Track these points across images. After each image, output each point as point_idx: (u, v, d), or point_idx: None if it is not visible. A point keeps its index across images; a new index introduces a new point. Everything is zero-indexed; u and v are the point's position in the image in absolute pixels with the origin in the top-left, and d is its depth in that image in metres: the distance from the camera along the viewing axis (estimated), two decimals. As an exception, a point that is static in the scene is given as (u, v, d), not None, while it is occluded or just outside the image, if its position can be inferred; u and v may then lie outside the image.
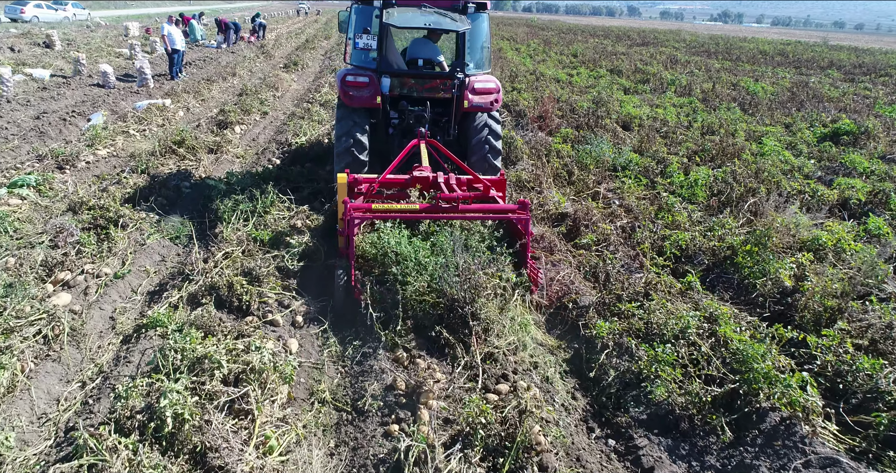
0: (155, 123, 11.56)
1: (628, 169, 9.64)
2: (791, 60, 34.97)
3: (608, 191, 8.70)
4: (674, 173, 8.98)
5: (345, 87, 7.00)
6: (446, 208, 5.28)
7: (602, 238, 6.67)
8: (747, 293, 5.59)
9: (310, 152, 9.64)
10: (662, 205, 7.85)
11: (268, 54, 25.49)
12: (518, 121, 13.56)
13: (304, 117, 12.49)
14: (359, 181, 5.98)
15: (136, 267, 5.84)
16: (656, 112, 14.28)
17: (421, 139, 6.44)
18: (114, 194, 7.02)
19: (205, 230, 6.77)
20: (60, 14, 41.81)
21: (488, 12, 7.69)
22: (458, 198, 5.29)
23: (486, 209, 5.68)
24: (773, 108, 15.64)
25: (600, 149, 9.88)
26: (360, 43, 7.14)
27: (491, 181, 6.18)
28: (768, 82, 21.94)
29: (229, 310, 4.97)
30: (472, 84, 7.21)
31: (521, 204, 5.46)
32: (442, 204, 5.24)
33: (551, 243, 6.56)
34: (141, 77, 16.37)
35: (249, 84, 16.45)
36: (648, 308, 4.79)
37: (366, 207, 5.29)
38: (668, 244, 6.43)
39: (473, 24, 7.19)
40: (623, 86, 19.20)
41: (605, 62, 26.31)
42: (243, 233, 6.25)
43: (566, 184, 9.04)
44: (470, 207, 5.47)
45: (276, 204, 6.99)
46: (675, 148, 11.03)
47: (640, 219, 7.40)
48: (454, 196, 5.30)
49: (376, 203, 5.58)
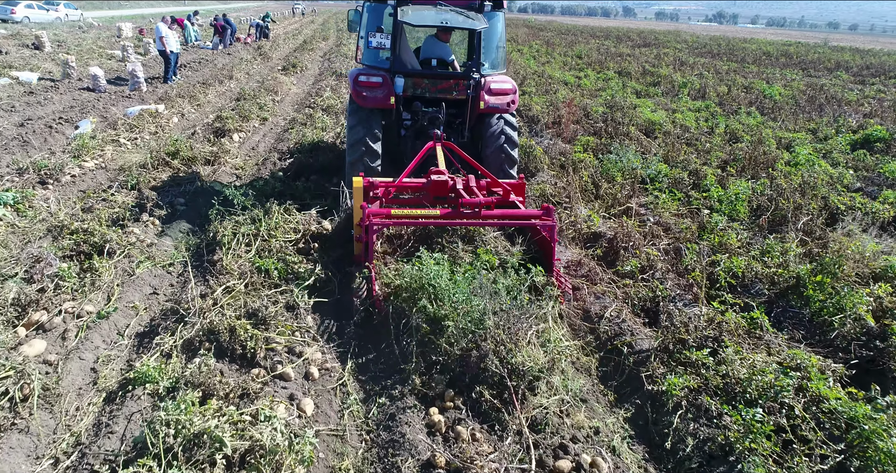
0: (147, 131, 10.82)
1: (658, 181, 8.96)
2: (796, 62, 34.45)
3: (640, 207, 8.02)
4: (710, 186, 8.30)
5: (358, 88, 6.75)
6: (468, 214, 5.08)
7: (647, 264, 5.98)
8: (823, 332, 4.90)
9: (314, 163, 8.91)
10: (704, 223, 7.16)
11: (265, 56, 24.73)
12: (531, 126, 12.88)
13: (307, 123, 11.76)
14: (375, 185, 5.73)
15: (124, 302, 5.11)
16: (675, 117, 13.61)
17: (436, 141, 6.23)
18: (99, 215, 6.28)
19: (202, 255, 6.05)
20: (52, 14, 40.96)
21: (504, 11, 7.40)
22: (480, 204, 5.09)
23: (509, 214, 5.46)
24: (796, 113, 14.98)
25: (626, 159, 9.19)
26: (373, 42, 6.85)
27: (511, 185, 5.95)
28: (780, 85, 21.33)
29: (231, 359, 4.26)
30: (487, 84, 6.98)
31: (545, 209, 5.26)
32: (463, 209, 5.04)
33: (591, 271, 5.86)
34: (133, 80, 15.61)
35: (247, 87, 15.71)
36: (724, 358, 4.09)
37: (385, 213, 5.09)
38: (721, 271, 5.73)
39: (489, 22, 6.95)
40: (634, 89, 18.54)
41: (611, 64, 25.66)
42: (245, 262, 5.54)
43: (593, 199, 8.34)
44: (492, 213, 5.26)
45: (282, 225, 6.27)
46: (703, 156, 10.35)
47: (683, 240, 6.72)
48: (476, 201, 5.10)
49: (394, 208, 5.42)
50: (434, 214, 5.19)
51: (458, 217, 5.15)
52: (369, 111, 6.83)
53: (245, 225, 6.16)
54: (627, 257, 6.19)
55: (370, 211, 4.98)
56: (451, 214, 5.16)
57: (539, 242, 5.63)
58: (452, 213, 5.16)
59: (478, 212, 5.09)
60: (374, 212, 5.03)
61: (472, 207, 5.07)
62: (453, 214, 5.16)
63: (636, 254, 6.18)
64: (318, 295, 5.20)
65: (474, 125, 7.39)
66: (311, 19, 66.95)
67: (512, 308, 4.36)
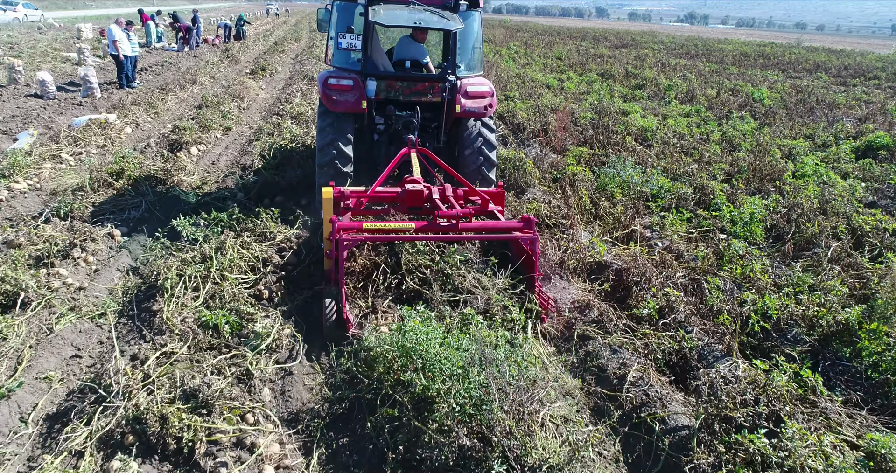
0: (95, 144, 9.72)
1: (660, 196, 8.18)
2: (774, 63, 34.25)
3: (646, 229, 7.22)
4: (721, 204, 7.53)
5: (327, 91, 6.40)
6: (445, 227, 4.86)
7: (665, 304, 5.15)
8: (886, 396, 4.11)
9: (281, 181, 7.94)
10: (719, 249, 6.38)
11: (233, 58, 23.54)
12: (517, 134, 12.05)
13: (274, 133, 10.75)
14: (346, 195, 5.42)
15: (35, 373, 4.11)
16: (667, 123, 12.90)
17: (411, 147, 5.93)
18: (16, 257, 5.23)
19: (141, 302, 5.06)
20: (9, 15, 39.22)
21: (480, 11, 7.07)
22: (457, 216, 4.86)
23: (487, 227, 5.24)
24: (791, 118, 14.39)
25: (626, 172, 8.39)
26: (343, 43, 6.56)
27: (489, 194, 5.69)
28: (764, 87, 20.86)
29: (162, 457, 3.31)
30: (464, 87, 6.70)
31: (525, 220, 5.02)
32: (440, 222, 4.82)
33: (602, 315, 5.01)
34: (86, 86, 14.43)
35: (211, 93, 14.60)
36: (786, 444, 3.25)
37: (356, 226, 4.83)
38: (752, 312, 4.93)
39: (465, 23, 6.64)
40: (619, 93, 17.84)
41: (593, 66, 25.00)
42: (191, 312, 4.58)
43: (592, 219, 7.52)
44: (470, 226, 5.07)
45: (237, 262, 5.31)
46: (704, 167, 9.61)
47: (699, 271, 5.92)
48: (453, 213, 4.87)
49: (367, 220, 5.27)
50: (409, 228, 4.93)
51: (435, 230, 4.89)
52: (340, 115, 6.49)
53: (193, 264, 5.19)
54: (641, 295, 5.36)
55: (340, 225, 4.70)
56: (427, 227, 4.89)
57: (518, 253, 5.32)
58: (428, 226, 4.89)
59: (455, 225, 4.84)
60: (344, 225, 4.75)
61: (449, 219, 4.83)
62: (429, 227, 4.88)
63: (652, 292, 5.35)
64: (278, 359, 4.27)
65: (450, 129, 7.08)
66: (283, 20, 65.44)
67: (519, 378, 3.49)
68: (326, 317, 4.52)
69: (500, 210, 5.67)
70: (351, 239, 4.63)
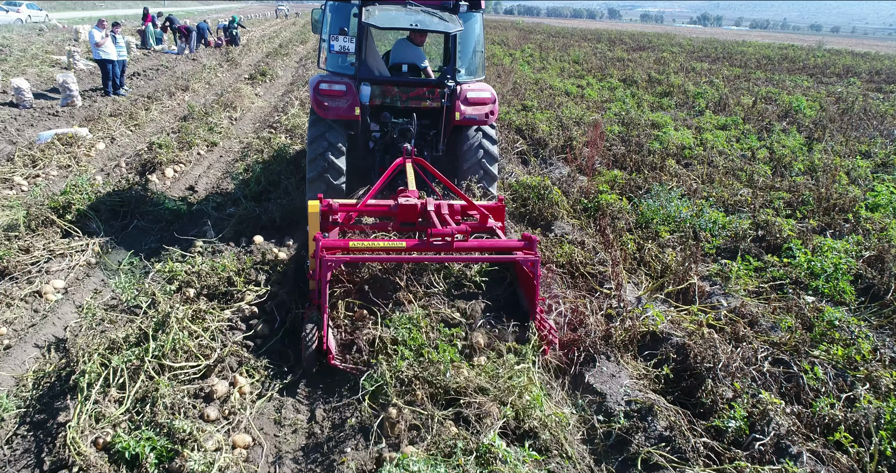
0: (56, 164, 8.49)
1: (713, 233, 6.84)
2: (800, 67, 32.67)
3: (703, 279, 5.88)
4: (795, 249, 6.17)
5: (318, 97, 6.16)
6: (439, 246, 4.52)
7: (752, 408, 3.80)
8: None
9: (262, 214, 6.68)
10: (803, 313, 5.03)
11: (233, 62, 22.37)
12: (538, 151, 10.73)
13: (264, 150, 9.51)
14: (334, 209, 5.03)
15: None
16: (704, 137, 11.52)
17: (406, 157, 5.52)
18: None
19: (54, 401, 3.80)
20: (12, 16, 38.41)
21: (482, 12, 6.76)
22: (452, 234, 4.51)
23: (486, 246, 4.91)
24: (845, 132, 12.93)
25: (673, 205, 7.05)
26: (336, 46, 6.26)
27: (488, 208, 5.36)
28: (798, 93, 19.40)
29: None
30: (464, 93, 6.42)
31: (526, 240, 4.66)
32: (433, 240, 4.48)
33: (672, 427, 3.67)
34: (65, 94, 13.22)
35: (201, 102, 13.39)
36: None
37: (342, 245, 4.53)
38: (875, 424, 3.58)
39: (465, 25, 6.37)
40: (644, 101, 16.47)
41: (613, 71, 23.60)
42: (109, 428, 3.31)
43: (635, 265, 6.19)
44: (466, 245, 4.68)
45: (185, 343, 4.03)
46: (756, 193, 8.23)
47: (786, 348, 4.58)
48: (448, 231, 4.54)
49: (355, 238, 5.11)
50: (399, 247, 4.60)
51: (428, 249, 4.57)
52: (332, 123, 6.24)
53: (124, 347, 3.92)
54: (717, 390, 4.02)
55: (325, 243, 4.38)
56: (420, 246, 4.54)
57: (519, 275, 4.98)
58: (421, 245, 4.53)
59: (450, 244, 4.49)
60: (329, 243, 4.42)
61: (444, 238, 4.48)
62: (422, 246, 4.53)
63: (733, 386, 4.01)
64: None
65: (450, 138, 6.80)
66: (292, 21, 64.41)
67: None
68: (306, 345, 4.13)
69: (501, 226, 5.30)
70: (335, 260, 4.28)
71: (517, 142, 10.92)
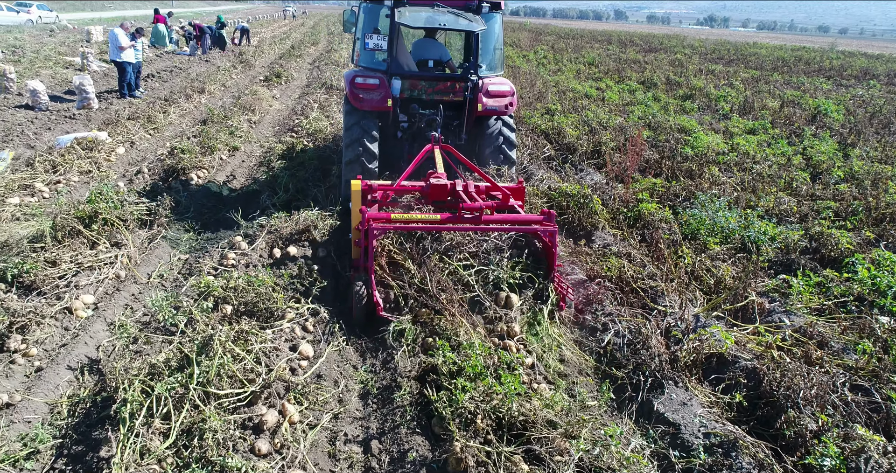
0: (77, 170, 8.26)
1: (762, 244, 6.54)
2: (815, 69, 32.25)
3: (760, 295, 5.58)
4: (856, 263, 5.87)
5: (354, 90, 6.66)
6: (469, 219, 5.01)
7: (844, 446, 3.50)
8: None
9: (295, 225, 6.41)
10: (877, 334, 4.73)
11: (247, 64, 22.16)
12: (566, 156, 10.44)
13: (286, 156, 9.26)
14: (373, 188, 5.59)
15: None
16: (736, 143, 11.20)
17: (435, 144, 6.07)
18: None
19: (91, 430, 3.54)
20: (23, 16, 38.33)
21: (502, 12, 7.26)
22: (481, 209, 5.02)
23: (509, 219, 5.41)
24: (882, 137, 12.58)
25: (722, 216, 6.75)
26: (370, 43, 6.89)
27: (510, 189, 5.87)
28: (822, 96, 19.04)
29: None
30: (485, 86, 6.95)
31: (545, 214, 5.26)
32: (464, 214, 4.99)
33: (762, 465, 3.38)
34: (81, 96, 13.02)
35: (219, 104, 13.16)
36: None
37: (385, 217, 5.08)
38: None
39: (487, 24, 6.86)
40: (667, 104, 16.16)
41: (631, 73, 23.28)
42: (154, 468, 3.05)
43: (687, 280, 5.90)
44: (493, 218, 5.24)
45: (230, 368, 3.77)
46: (801, 202, 7.92)
47: (863, 373, 4.29)
48: (477, 206, 5.02)
49: (394, 212, 5.49)
50: (434, 219, 5.12)
51: (459, 222, 5.05)
52: (366, 113, 6.73)
53: (166, 373, 3.66)
54: (800, 420, 3.73)
55: (370, 215, 4.94)
56: (452, 219, 5.06)
57: (539, 244, 5.50)
58: (453, 218, 5.06)
59: (478, 217, 4.99)
60: (373, 215, 5.00)
61: (473, 212, 4.98)
62: (454, 219, 5.05)
63: (818, 420, 3.72)
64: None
65: (472, 127, 7.28)
66: (301, 22, 64.25)
67: None
68: (356, 301, 4.71)
69: (521, 204, 5.80)
70: (380, 228, 4.84)
71: (545, 147, 10.63)
